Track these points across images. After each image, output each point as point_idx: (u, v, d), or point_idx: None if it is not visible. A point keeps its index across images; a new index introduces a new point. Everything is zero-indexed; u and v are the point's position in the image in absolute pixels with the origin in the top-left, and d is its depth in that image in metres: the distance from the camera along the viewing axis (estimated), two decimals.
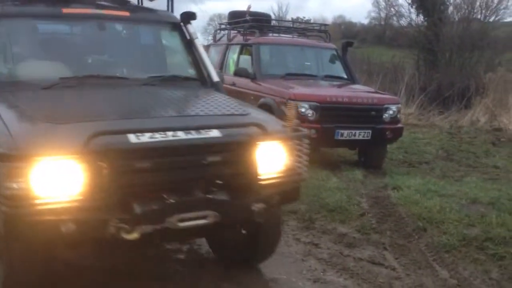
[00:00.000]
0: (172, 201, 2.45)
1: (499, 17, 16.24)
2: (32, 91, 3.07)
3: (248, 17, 8.16)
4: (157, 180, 2.49)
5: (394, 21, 21.01)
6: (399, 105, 6.75)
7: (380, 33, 23.76)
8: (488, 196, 5.12)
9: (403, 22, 19.17)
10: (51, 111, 2.69)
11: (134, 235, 2.34)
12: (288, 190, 2.87)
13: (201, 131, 2.59)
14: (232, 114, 2.99)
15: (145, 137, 2.43)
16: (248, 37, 7.66)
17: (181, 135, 2.52)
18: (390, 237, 4.12)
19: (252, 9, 8.93)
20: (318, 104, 6.05)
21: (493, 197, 5.09)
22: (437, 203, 4.83)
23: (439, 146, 8.42)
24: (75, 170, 2.32)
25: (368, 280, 3.35)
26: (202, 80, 3.77)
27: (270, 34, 8.16)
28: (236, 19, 8.41)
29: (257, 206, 2.65)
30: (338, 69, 7.64)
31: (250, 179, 2.69)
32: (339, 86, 7.15)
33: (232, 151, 2.66)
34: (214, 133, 2.61)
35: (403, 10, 18.37)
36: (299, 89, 6.42)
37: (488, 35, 14.51)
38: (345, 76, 7.52)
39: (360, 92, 6.89)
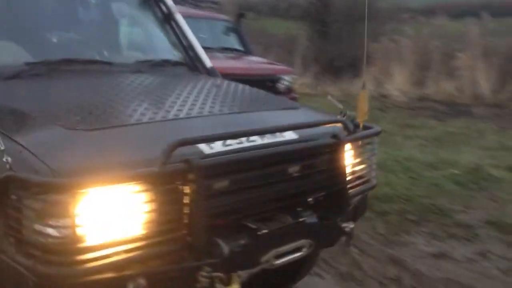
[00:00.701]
0: (264, 231, 1.81)
1: None
2: None
3: None
4: (238, 204, 1.79)
5: None
6: (293, 75, 6.94)
7: (274, 5, 24.12)
8: (376, 158, 5.52)
9: None
10: (56, 110, 1.86)
11: (235, 287, 1.73)
12: (360, 201, 2.31)
13: (277, 133, 1.95)
14: (285, 108, 2.40)
15: (218, 146, 1.76)
16: None
17: (256, 139, 1.88)
18: None
19: None
20: None
21: (380, 159, 5.47)
22: None
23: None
24: (143, 200, 1.57)
25: None
26: (190, 65, 3.07)
27: None
28: None
29: (349, 226, 2.11)
30: (233, 41, 7.64)
31: (338, 192, 2.07)
32: (235, 58, 7.16)
33: (319, 157, 2.02)
34: (290, 134, 1.99)
35: None
36: None
37: (372, 7, 15.35)
38: (241, 48, 7.55)
39: (255, 63, 6.98)
